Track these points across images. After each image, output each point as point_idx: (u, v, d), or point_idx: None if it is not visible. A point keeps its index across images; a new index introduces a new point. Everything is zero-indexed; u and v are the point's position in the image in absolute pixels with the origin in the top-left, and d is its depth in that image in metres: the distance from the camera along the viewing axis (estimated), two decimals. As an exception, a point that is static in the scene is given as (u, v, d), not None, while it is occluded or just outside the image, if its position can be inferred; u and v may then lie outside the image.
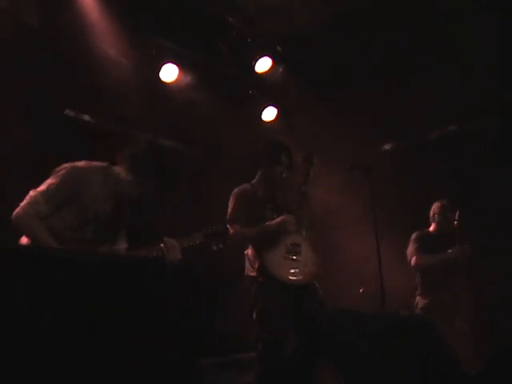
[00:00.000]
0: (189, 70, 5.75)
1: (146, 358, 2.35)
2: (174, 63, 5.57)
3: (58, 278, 2.20)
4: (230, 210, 4.31)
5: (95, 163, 3.39)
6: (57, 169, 3.28)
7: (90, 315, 2.18)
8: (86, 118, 5.60)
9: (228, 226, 4.09)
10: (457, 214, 5.04)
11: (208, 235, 3.59)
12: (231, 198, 4.36)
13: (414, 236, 5.28)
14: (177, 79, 5.65)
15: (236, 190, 4.39)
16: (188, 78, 5.76)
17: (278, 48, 6.03)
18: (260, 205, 4.32)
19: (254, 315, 4.12)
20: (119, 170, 3.43)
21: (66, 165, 3.28)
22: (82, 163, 3.32)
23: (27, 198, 3.19)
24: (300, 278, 4.10)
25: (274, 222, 4.22)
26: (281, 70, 6.03)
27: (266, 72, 5.98)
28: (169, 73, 5.58)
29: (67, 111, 5.40)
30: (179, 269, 3.41)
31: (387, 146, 6.60)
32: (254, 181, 4.50)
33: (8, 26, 4.55)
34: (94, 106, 5.50)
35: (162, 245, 3.39)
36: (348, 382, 2.68)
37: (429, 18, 5.36)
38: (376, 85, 5.98)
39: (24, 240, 3.21)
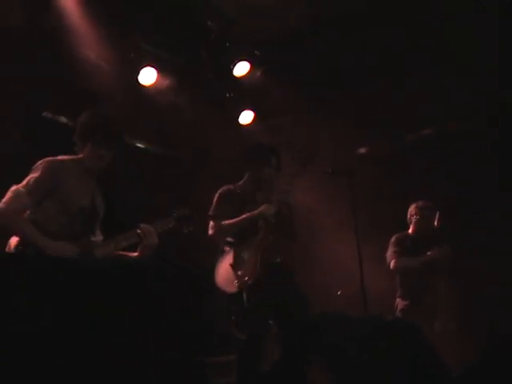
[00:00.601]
0: (168, 74, 5.76)
1: (146, 358, 2.34)
2: (153, 66, 5.58)
3: (59, 278, 2.19)
4: (212, 207, 4.39)
5: (69, 157, 3.52)
6: (35, 165, 3.40)
7: (90, 315, 2.19)
8: (63, 119, 5.56)
9: (210, 222, 4.27)
10: (437, 215, 5.04)
11: (178, 219, 3.67)
12: (215, 196, 4.43)
13: (393, 239, 5.28)
14: (155, 82, 5.65)
15: (220, 190, 4.46)
16: (167, 82, 5.77)
17: (257, 52, 6.05)
18: (240, 204, 4.36)
19: (230, 317, 4.18)
20: (80, 155, 3.54)
21: (43, 160, 3.41)
22: (58, 157, 3.47)
23: (9, 193, 3.27)
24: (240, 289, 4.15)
25: (253, 212, 4.26)
26: (259, 74, 6.06)
27: (244, 76, 6.01)
28: (147, 76, 5.59)
29: (45, 113, 5.42)
30: (157, 254, 3.49)
31: (362, 150, 6.57)
32: (240, 182, 4.54)
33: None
34: (74, 109, 5.46)
35: (138, 231, 3.45)
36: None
37: (424, 20, 5.37)
38: (371, 86, 5.99)
39: (14, 239, 3.26)
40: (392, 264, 5.16)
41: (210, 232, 4.29)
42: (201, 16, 5.56)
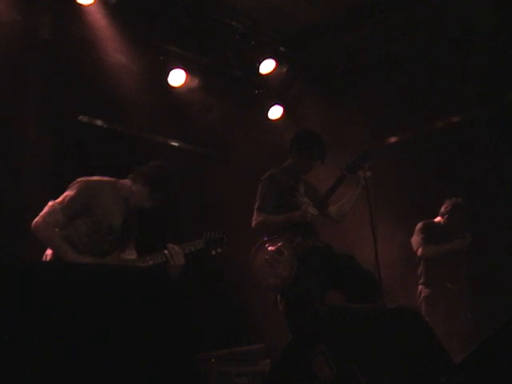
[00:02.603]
0: (196, 74, 5.95)
1: (147, 357, 2.31)
2: (182, 68, 5.78)
3: (59, 280, 2.23)
4: (258, 197, 4.30)
5: (106, 178, 3.72)
6: (72, 183, 3.62)
7: (90, 316, 2.21)
8: (99, 123, 5.85)
9: (255, 213, 4.23)
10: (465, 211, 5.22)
11: (208, 241, 3.78)
12: (260, 185, 4.35)
13: (419, 225, 5.38)
14: (184, 83, 5.85)
15: (262, 178, 4.38)
16: (195, 82, 5.95)
17: (282, 48, 6.15)
18: (288, 191, 4.31)
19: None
20: (129, 183, 3.74)
21: (80, 179, 3.62)
22: (94, 178, 3.67)
23: (46, 208, 3.52)
24: (270, 287, 4.17)
25: (295, 212, 4.19)
26: (285, 70, 6.16)
27: (270, 73, 6.10)
28: (177, 77, 5.80)
29: (81, 117, 5.63)
30: (182, 274, 3.61)
31: (393, 139, 6.54)
32: (283, 165, 4.47)
33: (21, 37, 4.79)
34: (106, 112, 5.72)
35: (166, 251, 3.60)
36: (339, 372, 2.67)
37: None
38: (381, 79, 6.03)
39: (49, 251, 3.53)
40: (419, 251, 5.29)
41: (253, 224, 4.24)
42: (224, 16, 5.67)
